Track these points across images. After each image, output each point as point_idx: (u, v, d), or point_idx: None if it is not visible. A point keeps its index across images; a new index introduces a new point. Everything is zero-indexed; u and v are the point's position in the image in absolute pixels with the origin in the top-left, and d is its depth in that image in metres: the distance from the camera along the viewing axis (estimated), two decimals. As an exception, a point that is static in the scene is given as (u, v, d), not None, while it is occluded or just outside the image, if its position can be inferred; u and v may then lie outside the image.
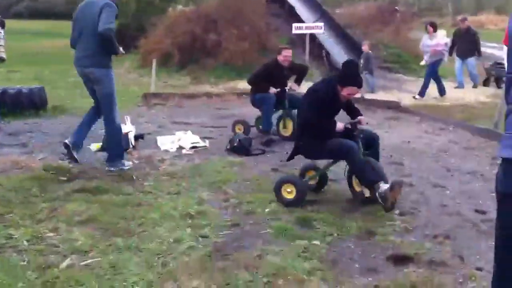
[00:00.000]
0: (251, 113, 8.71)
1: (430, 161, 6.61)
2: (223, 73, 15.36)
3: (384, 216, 4.73)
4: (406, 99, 11.94)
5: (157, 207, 4.82)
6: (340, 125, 5.00)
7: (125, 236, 4.14)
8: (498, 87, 13.33)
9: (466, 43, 13.51)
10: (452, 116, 9.98)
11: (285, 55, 7.95)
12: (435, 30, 12.55)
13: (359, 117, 5.18)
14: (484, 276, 3.59)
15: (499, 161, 2.20)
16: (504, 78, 2.40)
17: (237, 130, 7.99)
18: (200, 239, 4.15)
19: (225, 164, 6.38)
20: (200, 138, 7.59)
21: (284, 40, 17.02)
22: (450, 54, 13.49)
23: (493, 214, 4.78)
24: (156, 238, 4.12)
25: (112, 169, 5.95)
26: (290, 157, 5.38)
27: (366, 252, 4.02)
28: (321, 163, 5.39)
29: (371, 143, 5.22)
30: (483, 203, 5.17)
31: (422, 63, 13.16)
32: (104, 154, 6.29)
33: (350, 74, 5.05)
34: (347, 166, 5.09)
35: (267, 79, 7.87)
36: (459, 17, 14.97)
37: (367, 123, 5.50)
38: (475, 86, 13.72)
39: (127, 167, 6.02)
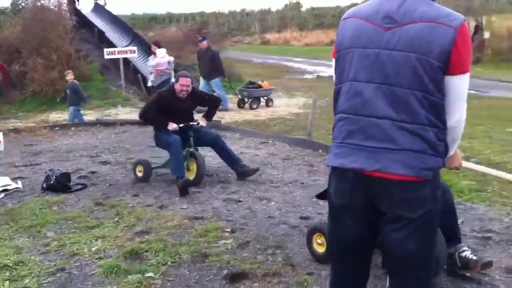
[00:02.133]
0: (65, 146, 8.18)
1: (255, 176, 6.78)
2: (31, 105, 14.37)
3: (216, 236, 4.71)
4: (226, 117, 12.21)
5: (-35, 263, 4.24)
6: None
7: None
8: (251, 107, 13.48)
9: (208, 64, 13.01)
10: (270, 130, 10.42)
11: (182, 84, 6.63)
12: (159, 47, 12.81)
13: None
14: (316, 280, 3.75)
15: (316, 169, 2.32)
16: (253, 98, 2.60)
17: (137, 173, 6.81)
18: (21, 291, 3.73)
19: (42, 204, 5.86)
20: (11, 179, 6.91)
21: (96, 67, 16.48)
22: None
23: (317, 218, 5.06)
24: (-34, 299, 3.61)
25: None
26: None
27: (202, 276, 3.94)
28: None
29: None
30: (306, 209, 5.42)
31: (149, 84, 13.39)
32: None
33: None
34: None
35: (163, 111, 6.61)
36: (199, 38, 14.01)
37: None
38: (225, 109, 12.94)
39: None
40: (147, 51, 17.51)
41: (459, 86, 2.17)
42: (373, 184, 2.20)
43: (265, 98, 13.94)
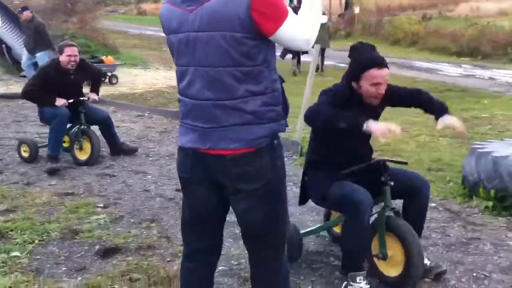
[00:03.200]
0: None
1: (129, 149, 6.61)
2: None
3: (88, 212, 4.56)
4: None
5: None
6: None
7: None
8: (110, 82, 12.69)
9: (32, 36, 11.64)
10: (147, 103, 10.22)
11: (69, 54, 5.90)
12: None
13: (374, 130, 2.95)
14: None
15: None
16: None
17: (22, 153, 6.20)
18: None
19: None
20: None
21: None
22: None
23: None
24: None
25: None
26: (301, 199, 3.68)
27: (72, 253, 3.82)
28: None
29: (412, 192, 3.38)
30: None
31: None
32: None
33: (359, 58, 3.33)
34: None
35: (50, 88, 5.92)
36: (19, 9, 12.30)
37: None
38: None
39: None
40: (14, 21, 16.35)
41: (284, 38, 2.16)
42: (209, 160, 2.25)
43: (109, 74, 12.69)
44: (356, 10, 23.68)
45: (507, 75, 13.61)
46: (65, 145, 6.35)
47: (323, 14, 13.29)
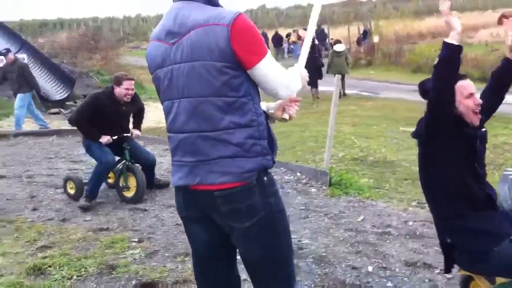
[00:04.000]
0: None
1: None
2: None
3: (123, 246, 4.60)
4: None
5: None
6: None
7: None
8: None
9: (15, 79, 11.26)
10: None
11: (127, 88, 5.83)
12: None
13: None
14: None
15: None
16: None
17: (69, 190, 6.14)
18: None
19: None
20: None
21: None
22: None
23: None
24: None
25: None
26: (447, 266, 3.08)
27: (110, 288, 3.84)
28: None
29: None
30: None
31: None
32: None
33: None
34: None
35: (99, 118, 5.82)
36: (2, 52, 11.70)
37: None
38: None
39: None
40: (40, 60, 16.77)
41: (262, 75, 2.16)
42: (200, 197, 2.22)
43: None
44: (376, 39, 23.77)
45: (532, 99, 13.49)
46: (109, 180, 6.40)
47: (340, 43, 13.50)
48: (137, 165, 6.20)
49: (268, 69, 2.17)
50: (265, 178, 2.21)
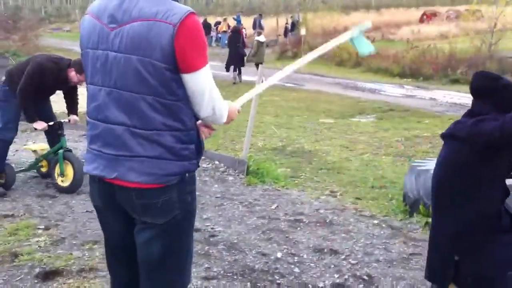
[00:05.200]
0: None
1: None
2: None
3: (28, 234, 4.42)
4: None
5: None
6: None
7: None
8: None
9: None
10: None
11: (83, 80, 5.21)
12: None
13: None
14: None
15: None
16: None
17: None
18: None
19: None
20: None
21: None
22: None
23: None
24: None
25: None
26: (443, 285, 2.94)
27: (11, 276, 3.69)
28: None
29: None
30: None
31: None
32: None
33: None
34: None
35: (41, 92, 5.40)
36: None
37: None
38: None
39: None
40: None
41: (196, 84, 2.06)
42: (115, 190, 2.15)
43: None
44: (303, 31, 24.06)
45: (447, 95, 14.10)
46: (43, 169, 6.08)
47: (261, 34, 13.98)
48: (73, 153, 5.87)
49: (204, 81, 2.07)
50: (186, 175, 2.16)
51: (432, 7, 40.00)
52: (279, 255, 4.12)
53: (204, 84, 2.08)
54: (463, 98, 13.45)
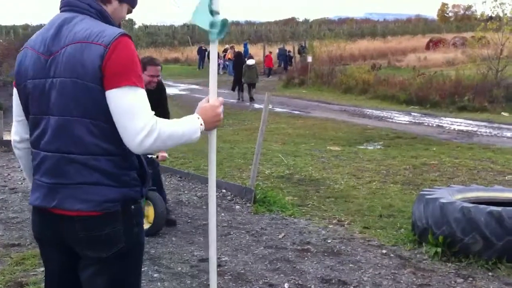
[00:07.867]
0: None
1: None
2: None
3: (34, 263, 4.41)
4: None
5: None
6: None
7: None
8: None
9: None
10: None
11: (152, 75, 5.02)
12: None
13: None
14: None
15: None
16: None
17: None
18: None
19: None
20: None
21: None
22: None
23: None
24: None
25: None
26: None
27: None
28: None
29: None
30: None
31: None
32: None
33: None
34: None
35: None
36: None
37: None
38: None
39: None
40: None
41: (120, 101, 1.94)
42: (57, 221, 2.05)
43: None
44: (309, 59, 24.25)
45: (454, 123, 14.09)
46: None
47: (252, 58, 14.56)
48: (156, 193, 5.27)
49: (127, 102, 1.93)
50: (132, 207, 2.08)
51: (438, 34, 40.30)
52: (286, 286, 4.08)
53: (127, 104, 1.94)
54: (470, 125, 13.43)
